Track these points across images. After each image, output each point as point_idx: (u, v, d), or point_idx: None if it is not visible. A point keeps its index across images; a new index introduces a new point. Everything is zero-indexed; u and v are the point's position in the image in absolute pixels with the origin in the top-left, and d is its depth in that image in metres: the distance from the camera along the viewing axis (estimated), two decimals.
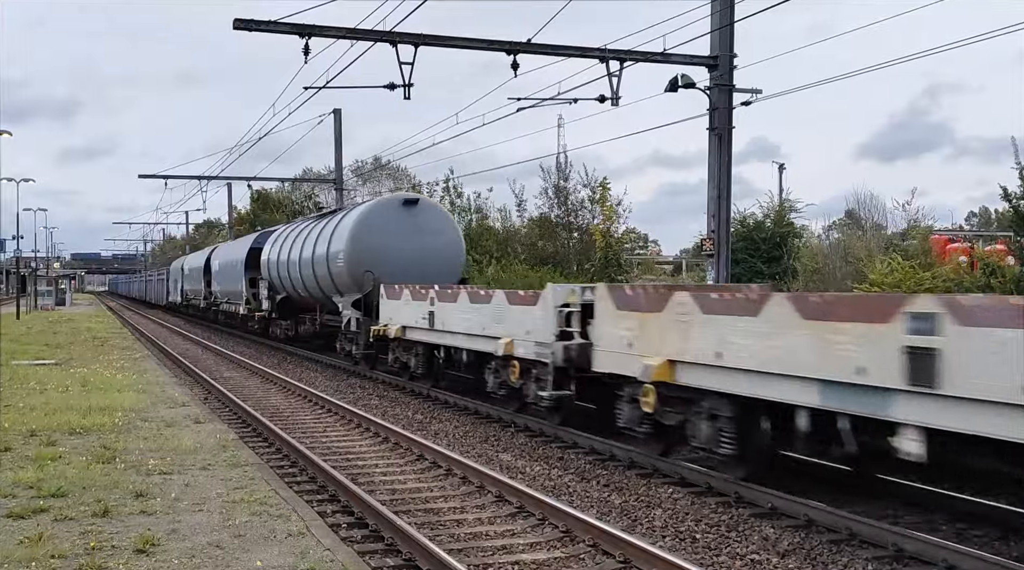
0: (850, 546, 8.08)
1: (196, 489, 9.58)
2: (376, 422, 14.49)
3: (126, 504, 8.87)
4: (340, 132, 41.16)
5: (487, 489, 10.21)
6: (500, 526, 8.89)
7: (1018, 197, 25.46)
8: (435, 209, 24.71)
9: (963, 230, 47.20)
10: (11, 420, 13.67)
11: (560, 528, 8.61)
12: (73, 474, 10.08)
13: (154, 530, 7.91)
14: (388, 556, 7.89)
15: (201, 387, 20.45)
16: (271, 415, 15.91)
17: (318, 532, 7.98)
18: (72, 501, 8.96)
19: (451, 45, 19.28)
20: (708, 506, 9.53)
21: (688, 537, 8.47)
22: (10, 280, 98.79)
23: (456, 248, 23.72)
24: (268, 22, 17.77)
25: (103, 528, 8.02)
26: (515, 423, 14.56)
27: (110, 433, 12.93)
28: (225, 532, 7.96)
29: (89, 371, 21.61)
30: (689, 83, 19.70)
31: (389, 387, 20.19)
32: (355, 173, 71.91)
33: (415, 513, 9.30)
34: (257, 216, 67.52)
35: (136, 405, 15.80)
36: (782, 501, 9.16)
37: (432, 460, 11.85)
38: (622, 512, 9.37)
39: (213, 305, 44.15)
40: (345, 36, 18.37)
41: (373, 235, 22.60)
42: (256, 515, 8.50)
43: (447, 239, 23.46)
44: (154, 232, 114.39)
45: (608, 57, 19.53)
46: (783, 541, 8.25)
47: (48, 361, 24.46)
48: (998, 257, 28.25)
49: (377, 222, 22.79)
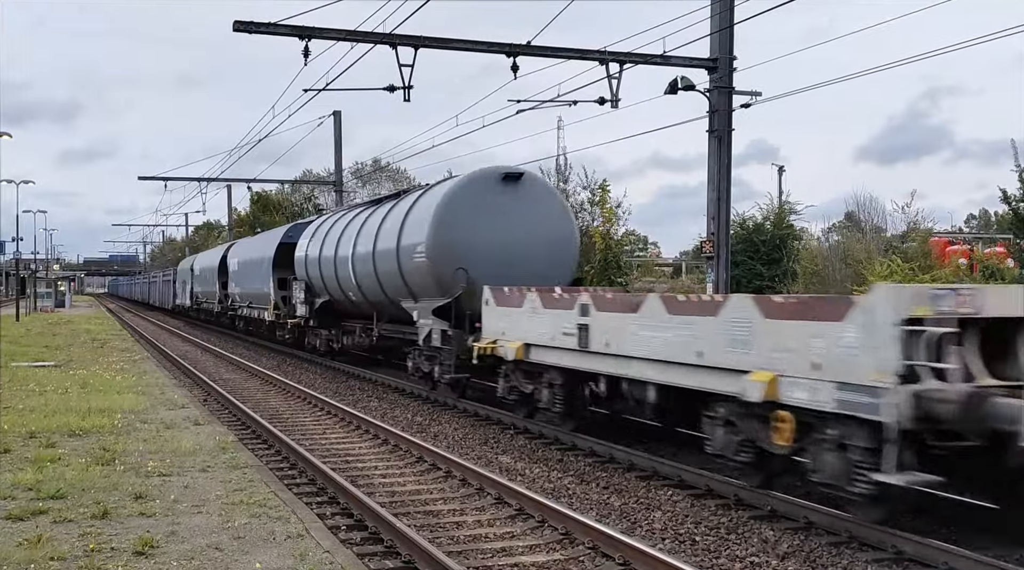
0: (849, 548, 8.08)
1: (195, 491, 9.58)
2: (376, 424, 14.49)
3: (125, 506, 8.87)
4: (340, 134, 41.21)
5: (487, 491, 10.21)
6: (499, 528, 8.88)
7: (1018, 200, 25.52)
8: (543, 187, 18.96)
9: (963, 233, 47.23)
10: (10, 422, 13.67)
11: (560, 530, 8.60)
12: (72, 476, 10.08)
13: (153, 532, 7.90)
14: (387, 558, 7.88)
15: (200, 389, 20.43)
16: (270, 417, 15.90)
17: (317, 534, 7.98)
18: (71, 503, 8.96)
19: (451, 47, 19.28)
20: (708, 508, 9.53)
21: (688, 539, 8.47)
22: (9, 282, 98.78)
23: (570, 239, 18.05)
24: (268, 24, 17.77)
25: (102, 530, 8.02)
26: (515, 425, 14.55)
27: (109, 435, 12.92)
28: (224, 534, 7.95)
29: (88, 373, 21.61)
30: (689, 85, 19.72)
31: (389, 389, 20.18)
32: (355, 175, 71.94)
33: (414, 515, 9.30)
34: (257, 218, 67.51)
35: (135, 407, 15.80)
36: (782, 503, 9.16)
37: (432, 462, 11.85)
38: (622, 514, 9.37)
39: (230, 309, 38.87)
40: (345, 38, 18.39)
41: (466, 222, 17.12)
42: (255, 517, 8.50)
43: (559, 227, 17.86)
44: (154, 234, 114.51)
45: (608, 59, 19.54)
46: (783, 543, 8.25)
47: (47, 363, 24.45)
48: (998, 259, 28.29)
49: (470, 205, 17.29)
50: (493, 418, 15.34)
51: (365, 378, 22.08)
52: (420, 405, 17.64)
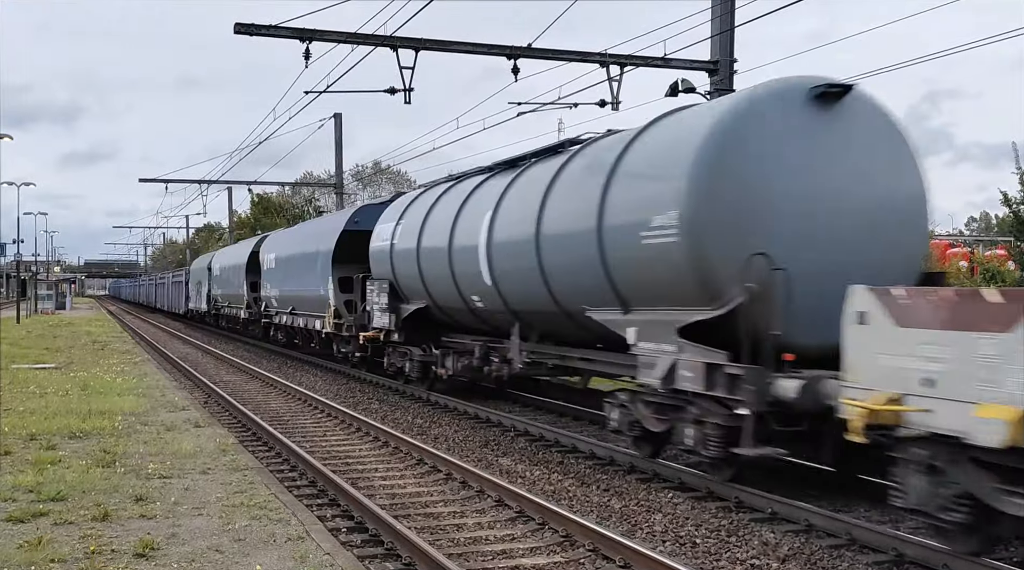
0: (850, 551, 8.08)
1: (196, 493, 9.58)
2: (376, 426, 14.49)
3: (126, 508, 8.87)
4: (341, 136, 41.21)
5: (487, 493, 10.20)
6: (500, 531, 8.88)
7: (1018, 202, 25.56)
8: (877, 112, 10.21)
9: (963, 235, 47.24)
10: (11, 424, 13.67)
11: (560, 533, 8.60)
12: (73, 478, 10.08)
13: (154, 534, 7.91)
14: (388, 560, 7.88)
15: (201, 391, 20.44)
16: (271, 419, 15.90)
17: (318, 536, 7.98)
18: (72, 505, 8.96)
19: (452, 50, 19.29)
20: (708, 511, 9.53)
21: (688, 542, 8.46)
22: (10, 284, 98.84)
23: (921, 200, 10.30)
24: (269, 26, 17.79)
25: (103, 532, 8.02)
26: (515, 427, 14.54)
27: (110, 437, 12.93)
28: (225, 536, 7.95)
29: (89, 375, 21.62)
30: (690, 88, 19.72)
31: (389, 391, 20.17)
32: (355, 177, 72.02)
33: (415, 517, 9.30)
34: (258, 220, 67.64)
35: (136, 409, 15.80)
36: (782, 506, 9.16)
37: (432, 464, 11.85)
38: (622, 517, 9.36)
39: (263, 317, 31.56)
40: (346, 40, 18.41)
41: (760, 173, 9.73)
42: (256, 519, 8.50)
43: (904, 180, 10.20)
44: (154, 236, 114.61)
45: (608, 61, 19.55)
46: (783, 546, 8.24)
47: (48, 365, 24.46)
48: (998, 262, 28.34)
49: (764, 143, 9.81)
50: (493, 420, 15.34)
51: (366, 380, 22.07)
52: (420, 407, 17.64)
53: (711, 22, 19.08)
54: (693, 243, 9.73)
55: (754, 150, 9.74)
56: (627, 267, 10.94)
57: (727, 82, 19.56)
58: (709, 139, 9.80)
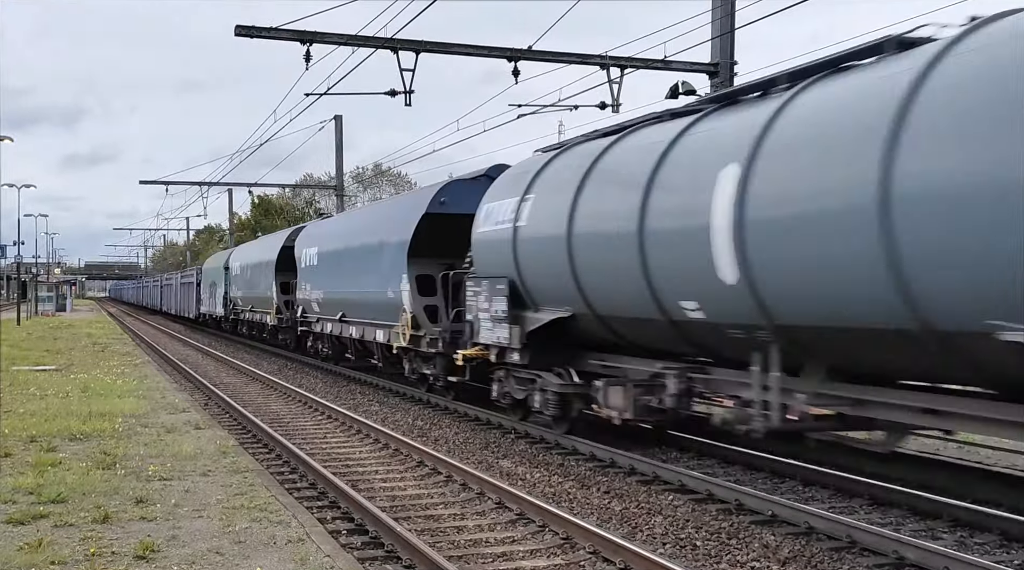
0: (851, 553, 8.07)
1: (196, 495, 9.58)
2: (376, 428, 14.48)
3: (126, 510, 8.86)
4: (341, 138, 41.24)
5: (487, 496, 10.20)
6: (500, 533, 8.87)
7: None
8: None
9: None
10: (11, 426, 13.67)
11: (560, 535, 8.59)
12: (73, 480, 10.07)
13: (154, 536, 7.90)
14: (388, 562, 7.88)
15: (201, 393, 20.45)
16: (271, 421, 15.90)
17: (318, 538, 7.97)
18: (72, 507, 8.95)
19: (452, 52, 19.31)
20: (708, 513, 9.52)
21: (688, 544, 8.45)
22: (11, 286, 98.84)
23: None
24: (269, 29, 17.82)
25: (103, 534, 8.01)
26: (515, 430, 14.54)
27: (110, 439, 12.92)
28: (225, 538, 7.95)
29: (89, 377, 21.63)
30: (690, 90, 19.73)
31: (389, 393, 20.17)
32: (356, 179, 72.01)
33: (415, 519, 9.29)
34: (258, 222, 67.68)
35: (136, 411, 15.80)
36: (783, 508, 9.15)
37: (432, 466, 11.84)
38: (622, 519, 9.36)
39: (300, 324, 26.73)
40: (346, 43, 18.43)
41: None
42: (256, 521, 8.50)
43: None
44: (155, 238, 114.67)
45: (609, 64, 19.57)
46: (784, 548, 8.23)
47: (48, 367, 24.46)
48: None
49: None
50: (494, 422, 15.33)
51: (366, 382, 22.07)
52: (421, 409, 17.64)
53: (712, 24, 19.10)
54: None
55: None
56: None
57: (727, 84, 19.57)
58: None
